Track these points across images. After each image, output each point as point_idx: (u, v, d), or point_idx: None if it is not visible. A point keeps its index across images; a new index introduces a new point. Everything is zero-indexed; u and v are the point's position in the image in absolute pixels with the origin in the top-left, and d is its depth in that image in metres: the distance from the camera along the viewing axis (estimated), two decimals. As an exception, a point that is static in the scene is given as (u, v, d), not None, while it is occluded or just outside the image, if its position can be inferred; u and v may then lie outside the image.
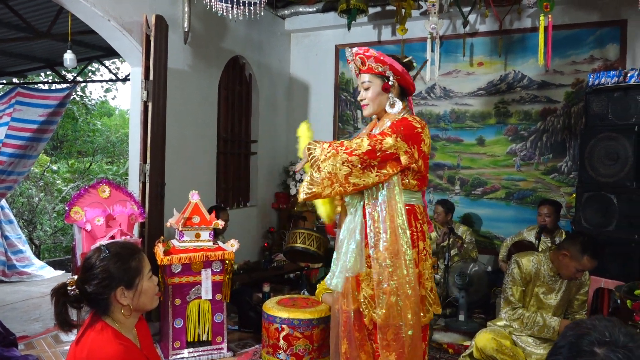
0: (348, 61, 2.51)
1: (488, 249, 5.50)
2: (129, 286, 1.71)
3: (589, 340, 0.99)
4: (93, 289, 1.67)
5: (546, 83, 5.35)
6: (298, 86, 6.61)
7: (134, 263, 1.74)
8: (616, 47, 5.06)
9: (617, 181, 3.59)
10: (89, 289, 1.67)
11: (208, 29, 4.99)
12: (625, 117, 3.61)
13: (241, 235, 4.88)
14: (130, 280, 1.72)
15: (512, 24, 5.47)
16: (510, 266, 3.14)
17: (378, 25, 6.08)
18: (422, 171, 2.30)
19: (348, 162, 2.14)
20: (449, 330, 4.23)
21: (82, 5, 3.71)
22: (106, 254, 1.71)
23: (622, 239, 3.53)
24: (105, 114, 13.34)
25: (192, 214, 3.61)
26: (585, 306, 3.19)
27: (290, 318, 3.26)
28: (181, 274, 3.49)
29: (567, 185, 5.24)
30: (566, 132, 5.27)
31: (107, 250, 1.72)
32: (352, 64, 2.49)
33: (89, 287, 1.67)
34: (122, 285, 1.70)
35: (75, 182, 10.55)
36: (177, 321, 3.50)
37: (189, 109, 4.79)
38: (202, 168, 5.04)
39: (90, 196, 3.70)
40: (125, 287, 1.70)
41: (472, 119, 5.69)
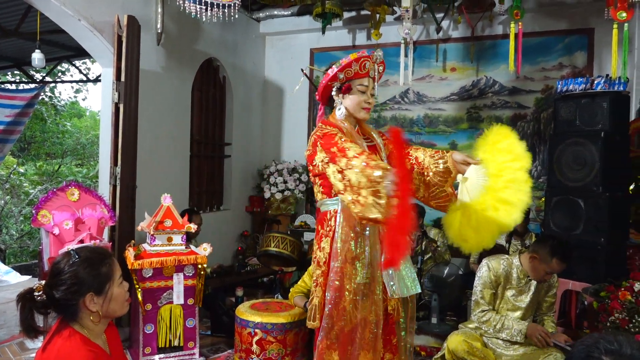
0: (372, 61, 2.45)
1: (460, 252, 5.55)
2: (99, 292, 1.67)
3: (597, 348, 1.09)
4: (61, 295, 1.63)
5: (517, 89, 5.46)
6: (273, 89, 6.59)
7: (105, 268, 1.70)
8: (584, 54, 5.20)
9: (584, 185, 3.68)
10: (57, 295, 1.63)
11: (182, 30, 4.94)
12: (592, 123, 3.70)
13: (214, 239, 4.84)
14: (100, 286, 1.68)
15: (483, 30, 5.57)
16: (480, 269, 3.18)
17: (353, 29, 6.11)
18: None
19: None
20: (421, 333, 4.26)
21: (52, 4, 3.63)
22: (76, 259, 1.67)
23: (588, 242, 3.61)
24: (76, 115, 13.08)
25: (164, 218, 3.56)
26: (553, 308, 3.25)
27: (263, 322, 3.24)
28: (152, 278, 3.44)
29: (536, 189, 5.35)
30: (536, 137, 5.38)
31: (77, 255, 1.68)
32: (374, 67, 2.46)
33: (57, 293, 1.63)
34: (92, 291, 1.66)
35: (43, 185, 10.31)
36: (148, 326, 3.44)
37: (161, 111, 4.73)
38: (174, 171, 4.98)
39: (59, 199, 3.62)
40: (95, 293, 1.66)
41: (445, 124, 5.76)
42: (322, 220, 2.42)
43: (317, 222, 2.47)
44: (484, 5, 5.22)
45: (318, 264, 2.38)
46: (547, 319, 3.20)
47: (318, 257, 2.39)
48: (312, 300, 2.40)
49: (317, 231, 2.45)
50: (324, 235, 2.39)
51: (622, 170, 3.74)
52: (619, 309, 2.49)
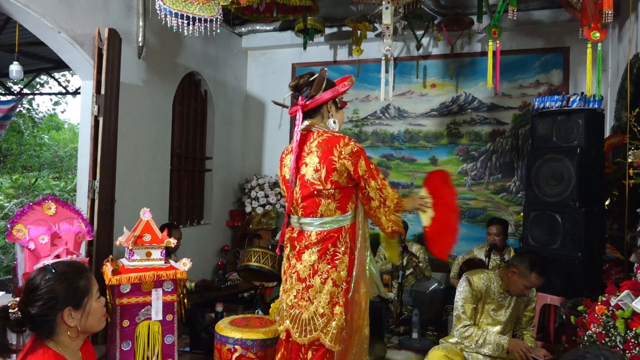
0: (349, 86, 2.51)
1: (441, 266, 5.60)
2: (77, 306, 1.64)
3: None
4: (37, 311, 1.59)
5: (495, 105, 5.55)
6: (254, 103, 6.60)
7: (83, 282, 1.67)
8: (560, 72, 5.32)
9: (561, 201, 3.73)
10: (32, 311, 1.59)
11: (163, 44, 4.93)
12: (568, 140, 3.77)
13: (194, 253, 4.79)
14: (79, 301, 1.65)
15: (463, 47, 5.67)
16: (461, 284, 3.20)
17: (334, 45, 6.17)
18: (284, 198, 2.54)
19: None
20: (402, 348, 4.26)
21: (31, 16, 3.60)
22: (52, 274, 1.64)
23: (566, 256, 3.66)
24: (54, 128, 12.91)
25: (143, 232, 3.51)
26: (532, 322, 3.28)
27: (243, 338, 3.20)
28: (130, 294, 3.38)
29: (515, 205, 5.42)
30: (514, 153, 5.46)
31: (54, 270, 1.65)
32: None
33: (33, 309, 1.59)
34: (70, 305, 1.63)
35: (19, 199, 10.09)
36: (125, 343, 3.37)
37: (142, 125, 4.69)
38: (154, 185, 4.93)
39: (35, 213, 3.54)
40: (73, 308, 1.63)
41: (425, 139, 5.82)
42: (331, 238, 2.37)
43: (325, 239, 2.37)
44: (463, 23, 5.33)
45: (335, 284, 2.34)
46: (526, 333, 3.23)
47: (334, 277, 2.34)
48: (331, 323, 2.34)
49: (325, 249, 2.36)
50: (338, 252, 2.36)
51: (597, 186, 3.81)
52: (596, 323, 2.52)
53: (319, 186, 2.35)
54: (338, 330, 2.33)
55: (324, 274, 2.35)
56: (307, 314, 2.36)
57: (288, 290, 2.46)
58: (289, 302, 2.42)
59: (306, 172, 2.39)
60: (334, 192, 2.35)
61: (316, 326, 2.33)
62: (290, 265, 2.47)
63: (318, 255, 2.36)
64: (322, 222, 2.38)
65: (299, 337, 2.36)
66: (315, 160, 2.36)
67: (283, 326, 2.45)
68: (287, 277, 2.48)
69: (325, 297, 2.34)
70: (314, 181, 2.36)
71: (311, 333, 2.34)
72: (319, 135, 2.41)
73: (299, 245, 2.43)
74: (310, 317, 2.35)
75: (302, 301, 2.38)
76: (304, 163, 2.40)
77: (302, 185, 2.40)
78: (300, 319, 2.37)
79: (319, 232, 2.38)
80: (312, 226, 2.39)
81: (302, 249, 2.41)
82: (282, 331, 2.47)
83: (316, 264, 2.36)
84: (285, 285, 2.49)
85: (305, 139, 2.44)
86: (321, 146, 2.37)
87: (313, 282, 2.36)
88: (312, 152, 2.39)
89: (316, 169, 2.35)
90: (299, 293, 2.40)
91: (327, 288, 2.34)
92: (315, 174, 2.35)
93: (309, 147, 2.41)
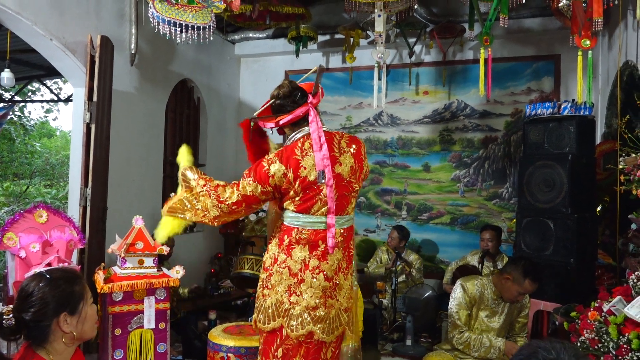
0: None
1: (434, 273, 5.60)
2: (73, 312, 1.64)
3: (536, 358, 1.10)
4: (32, 317, 1.58)
5: (487, 112, 5.58)
6: (247, 111, 6.59)
7: (78, 288, 1.67)
8: (551, 79, 5.37)
9: (554, 207, 3.75)
10: (26, 317, 1.58)
11: (156, 51, 4.93)
12: (560, 146, 3.80)
13: (187, 261, 4.76)
14: (74, 306, 1.64)
15: (455, 55, 5.71)
16: (455, 290, 3.20)
17: (327, 52, 6.19)
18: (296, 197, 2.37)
19: (218, 207, 2.35)
20: (396, 355, 4.25)
21: (23, 23, 3.58)
22: (47, 280, 1.63)
23: (558, 263, 3.67)
24: (45, 135, 12.84)
25: (135, 240, 3.49)
26: (525, 329, 3.29)
27: (236, 346, 3.18)
28: (122, 302, 3.35)
29: (508, 211, 5.44)
30: (506, 160, 5.49)
31: (48, 276, 1.65)
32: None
33: (27, 316, 1.58)
34: (66, 311, 1.62)
35: (9, 206, 10.00)
36: (117, 352, 3.34)
37: (134, 132, 4.68)
38: (147, 192, 4.91)
39: (26, 221, 3.51)
40: (69, 313, 1.63)
41: (418, 146, 5.84)
42: (350, 235, 2.46)
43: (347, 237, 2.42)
44: (455, 31, 5.37)
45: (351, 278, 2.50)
46: (519, 339, 3.24)
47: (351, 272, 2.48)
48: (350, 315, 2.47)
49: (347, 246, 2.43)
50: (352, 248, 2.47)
51: (589, 192, 3.83)
52: (589, 329, 2.53)
53: (356, 185, 2.41)
54: (351, 319, 2.46)
55: (345, 270, 2.42)
56: (334, 311, 2.37)
57: (304, 292, 2.34)
58: (313, 303, 2.34)
59: (342, 171, 2.37)
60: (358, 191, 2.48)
61: (341, 321, 2.39)
62: (307, 266, 2.35)
63: (342, 253, 2.40)
64: (345, 219, 2.40)
65: (327, 336, 2.34)
66: (351, 160, 2.39)
67: (304, 330, 2.32)
68: (306, 279, 2.35)
69: (347, 291, 2.42)
70: (351, 180, 2.39)
71: (338, 329, 2.37)
72: (341, 136, 2.45)
73: (323, 245, 2.35)
74: (336, 314, 2.38)
75: (330, 300, 2.36)
76: (338, 162, 2.37)
77: (339, 185, 2.36)
78: (329, 319, 2.36)
79: (344, 229, 2.40)
80: (338, 224, 2.37)
81: (327, 248, 2.36)
82: (302, 335, 2.33)
83: (341, 262, 2.39)
84: (299, 288, 2.35)
85: (328, 139, 2.38)
86: (351, 145, 2.42)
87: (338, 279, 2.39)
88: (345, 151, 2.40)
89: (352, 168, 2.39)
90: (325, 293, 2.35)
91: (348, 283, 2.43)
92: (353, 174, 2.39)
93: (337, 146, 2.40)
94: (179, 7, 3.61)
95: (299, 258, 2.36)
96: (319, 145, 2.33)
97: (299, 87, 2.48)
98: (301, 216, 2.36)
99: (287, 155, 2.36)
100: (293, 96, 2.45)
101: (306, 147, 2.36)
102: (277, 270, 2.39)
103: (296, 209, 2.36)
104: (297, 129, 2.45)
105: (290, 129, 2.50)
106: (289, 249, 2.39)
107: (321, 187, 2.32)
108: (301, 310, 2.33)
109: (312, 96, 2.44)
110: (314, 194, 2.34)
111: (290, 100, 2.46)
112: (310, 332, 2.33)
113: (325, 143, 2.34)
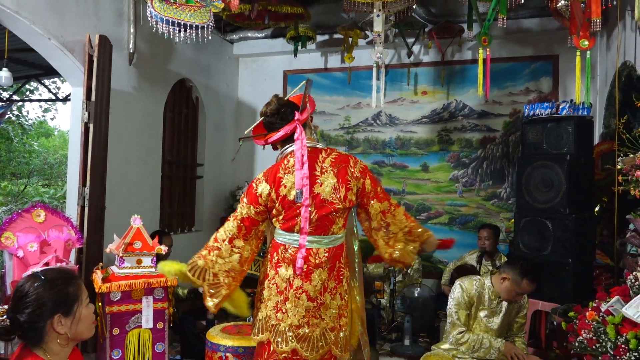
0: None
1: (432, 273, 5.61)
2: (67, 313, 1.63)
3: None
4: (26, 318, 1.58)
5: (486, 112, 5.59)
6: (246, 110, 6.59)
7: (72, 289, 1.66)
8: (549, 80, 5.37)
9: (552, 207, 3.75)
10: (21, 318, 1.58)
11: (154, 51, 4.92)
12: (558, 146, 3.80)
13: (185, 260, 4.72)
14: (69, 307, 1.64)
15: (453, 55, 5.71)
16: (454, 290, 3.20)
17: (325, 52, 6.19)
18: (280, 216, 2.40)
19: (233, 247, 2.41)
20: (394, 355, 4.25)
21: (21, 22, 3.57)
22: (41, 281, 1.62)
23: (557, 263, 3.67)
24: (43, 135, 12.82)
25: (133, 240, 3.49)
26: (524, 329, 3.29)
27: (234, 346, 3.18)
28: (120, 302, 3.35)
29: (506, 211, 5.45)
30: (505, 160, 5.50)
31: (43, 277, 1.64)
32: None
33: (22, 316, 1.58)
34: (60, 312, 1.61)
35: (7, 206, 9.99)
36: (115, 352, 3.34)
37: (132, 131, 4.67)
38: (145, 192, 4.90)
39: (24, 221, 3.51)
40: (63, 314, 1.62)
41: (416, 146, 5.84)
42: (338, 255, 2.43)
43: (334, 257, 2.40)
44: (453, 31, 5.37)
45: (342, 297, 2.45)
46: (517, 339, 3.23)
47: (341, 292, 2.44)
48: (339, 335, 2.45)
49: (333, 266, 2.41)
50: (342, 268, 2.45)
51: (587, 192, 3.83)
52: (587, 329, 2.53)
53: (338, 205, 2.35)
54: (345, 339, 2.42)
55: (333, 290, 2.39)
56: (318, 330, 2.36)
57: (289, 310, 2.36)
58: (296, 322, 2.35)
59: (322, 192, 2.34)
60: (346, 211, 2.41)
61: (327, 341, 2.37)
62: (292, 285, 2.36)
63: (328, 273, 2.38)
64: (330, 239, 2.38)
65: (310, 354, 2.34)
66: (333, 180, 2.35)
67: (287, 347, 2.35)
68: (290, 298, 2.36)
69: (334, 311, 2.39)
70: (333, 201, 2.34)
71: (322, 348, 2.36)
72: (328, 154, 2.40)
73: (306, 264, 2.35)
74: (321, 333, 2.36)
75: (313, 319, 2.36)
76: (318, 182, 2.35)
77: (319, 205, 2.34)
78: (312, 337, 2.35)
79: (328, 249, 2.38)
80: (320, 244, 2.37)
81: (311, 268, 2.35)
82: (287, 352, 2.36)
83: (326, 282, 2.37)
84: (285, 306, 2.37)
85: (312, 157, 2.37)
86: (335, 165, 2.37)
87: (324, 299, 2.37)
88: (327, 171, 2.36)
89: (335, 188, 2.35)
90: (309, 312, 2.35)
91: (336, 303, 2.40)
92: (335, 194, 2.35)
93: (320, 165, 2.38)
94: (178, 6, 3.60)
95: (284, 276, 2.39)
96: (301, 163, 2.32)
97: (288, 103, 2.47)
98: (286, 234, 2.40)
99: (272, 174, 2.38)
100: (281, 113, 2.44)
101: (290, 164, 2.36)
102: (267, 286, 2.45)
103: (281, 227, 2.41)
104: (288, 144, 2.45)
105: (281, 144, 2.50)
106: (276, 266, 2.42)
107: (300, 206, 2.32)
108: (286, 327, 2.36)
109: (299, 112, 2.43)
110: (295, 214, 2.35)
111: (279, 117, 2.44)
112: (294, 350, 2.35)
113: (307, 162, 2.32)
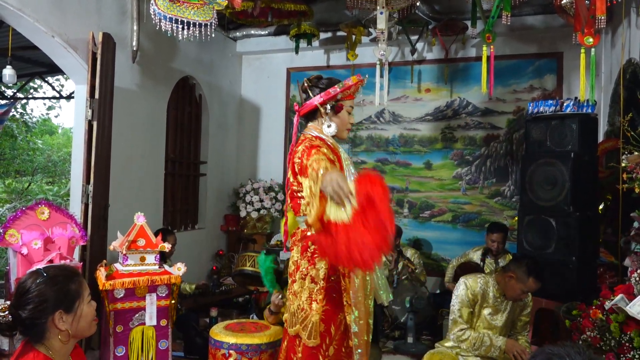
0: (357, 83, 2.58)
1: (435, 271, 5.60)
2: (69, 310, 1.64)
3: None
4: (28, 314, 1.58)
5: (489, 110, 5.57)
6: (249, 108, 6.59)
7: (74, 286, 1.67)
8: (553, 77, 5.35)
9: (556, 205, 3.74)
10: (23, 315, 1.59)
11: (157, 48, 4.92)
12: (562, 144, 3.78)
13: (189, 258, 4.76)
14: (70, 304, 1.64)
15: (457, 53, 5.70)
16: (458, 287, 3.20)
17: (329, 50, 6.18)
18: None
19: None
20: (397, 353, 4.25)
21: (25, 20, 3.58)
22: (43, 277, 1.63)
23: (560, 261, 3.66)
24: (47, 132, 12.85)
25: (137, 237, 3.50)
26: (527, 327, 3.28)
27: (238, 343, 3.19)
28: (124, 299, 3.36)
29: (509, 209, 5.43)
30: (508, 158, 5.48)
31: (45, 273, 1.65)
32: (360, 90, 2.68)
33: (24, 313, 1.59)
34: (61, 308, 1.62)
35: (11, 203, 10.02)
36: (119, 349, 3.35)
37: (136, 129, 4.68)
38: (148, 189, 4.91)
39: (28, 218, 3.52)
40: (65, 311, 1.63)
41: (420, 144, 5.83)
42: (310, 236, 2.41)
43: (305, 237, 2.45)
44: (457, 28, 5.35)
45: (313, 281, 2.42)
46: (520, 338, 3.23)
47: (313, 274, 2.42)
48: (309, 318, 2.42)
49: (305, 246, 2.44)
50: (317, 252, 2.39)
51: (591, 190, 3.82)
52: (591, 327, 2.53)
53: (294, 186, 2.48)
54: (315, 326, 2.41)
55: (304, 270, 2.46)
56: (293, 307, 2.49)
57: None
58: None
59: (289, 176, 2.53)
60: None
61: (298, 319, 2.45)
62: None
63: (300, 252, 2.48)
64: (303, 220, 2.46)
65: (289, 328, 2.50)
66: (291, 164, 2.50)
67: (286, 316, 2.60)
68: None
69: (305, 292, 2.45)
70: (292, 182, 2.50)
71: (295, 325, 2.47)
72: (302, 141, 2.51)
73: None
74: (294, 310, 2.48)
75: (291, 295, 2.51)
76: (289, 167, 2.54)
77: (289, 188, 2.53)
78: (290, 311, 2.51)
79: (303, 229, 2.48)
80: (300, 224, 2.50)
81: (293, 246, 2.54)
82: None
83: (299, 260, 2.48)
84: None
85: (298, 144, 2.52)
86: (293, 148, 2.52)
87: (296, 277, 2.48)
88: (292, 156, 2.52)
89: (291, 169, 2.49)
90: (290, 287, 2.53)
91: (307, 284, 2.45)
92: (291, 175, 2.50)
93: (292, 151, 2.55)
94: (181, 4, 3.60)
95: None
96: (290, 150, 2.55)
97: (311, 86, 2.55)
98: None
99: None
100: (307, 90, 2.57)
101: None
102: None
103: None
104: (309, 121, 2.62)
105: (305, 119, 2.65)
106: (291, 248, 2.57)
107: None
108: None
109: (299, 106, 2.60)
110: None
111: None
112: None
113: (291, 147, 2.52)
